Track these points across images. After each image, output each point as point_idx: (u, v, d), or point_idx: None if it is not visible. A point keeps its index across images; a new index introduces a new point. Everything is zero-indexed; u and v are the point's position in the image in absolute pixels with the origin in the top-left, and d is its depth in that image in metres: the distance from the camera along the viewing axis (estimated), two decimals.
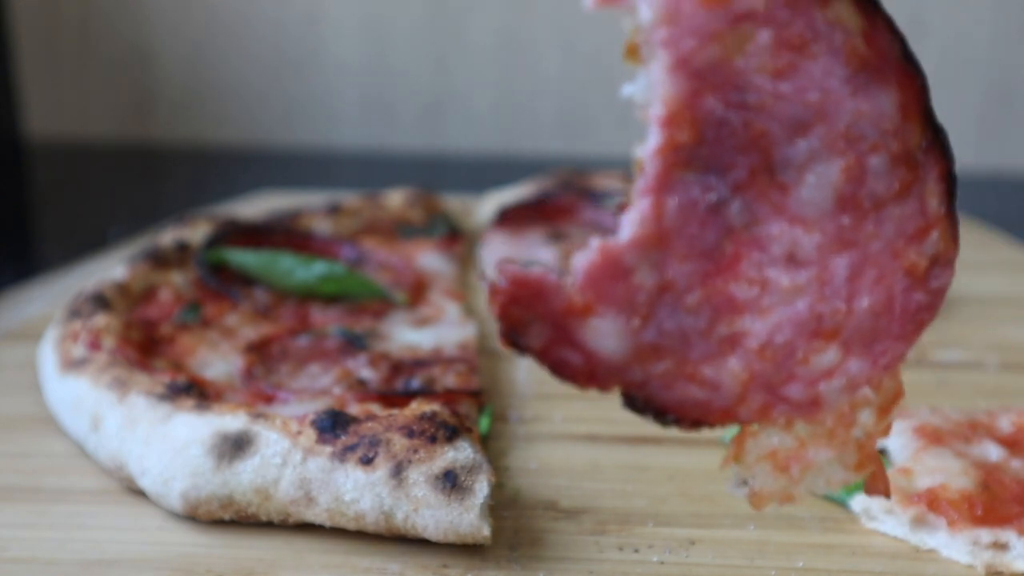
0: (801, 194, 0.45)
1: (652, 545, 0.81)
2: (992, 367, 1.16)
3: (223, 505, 0.82)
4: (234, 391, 0.96)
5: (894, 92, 0.45)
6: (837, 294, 0.46)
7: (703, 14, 0.43)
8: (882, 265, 0.46)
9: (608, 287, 0.46)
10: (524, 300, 0.46)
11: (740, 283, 0.47)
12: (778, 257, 0.46)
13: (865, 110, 0.44)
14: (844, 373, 0.47)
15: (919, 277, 0.46)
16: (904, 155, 0.45)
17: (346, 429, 0.83)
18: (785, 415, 0.48)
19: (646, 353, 0.47)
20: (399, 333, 1.13)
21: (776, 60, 0.44)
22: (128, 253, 1.32)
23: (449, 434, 0.83)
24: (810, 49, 0.44)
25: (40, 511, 0.85)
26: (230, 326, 1.11)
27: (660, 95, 0.44)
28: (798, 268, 0.46)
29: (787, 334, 0.46)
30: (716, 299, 0.47)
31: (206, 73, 2.21)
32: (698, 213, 0.46)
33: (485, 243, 1.47)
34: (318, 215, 1.43)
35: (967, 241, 1.64)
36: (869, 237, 0.45)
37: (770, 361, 0.47)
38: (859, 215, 0.45)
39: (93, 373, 0.95)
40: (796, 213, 0.46)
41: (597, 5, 0.45)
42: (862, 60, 0.44)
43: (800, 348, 0.46)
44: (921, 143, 0.45)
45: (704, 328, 0.47)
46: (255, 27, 2.17)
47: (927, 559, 0.81)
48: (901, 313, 0.46)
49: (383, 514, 0.79)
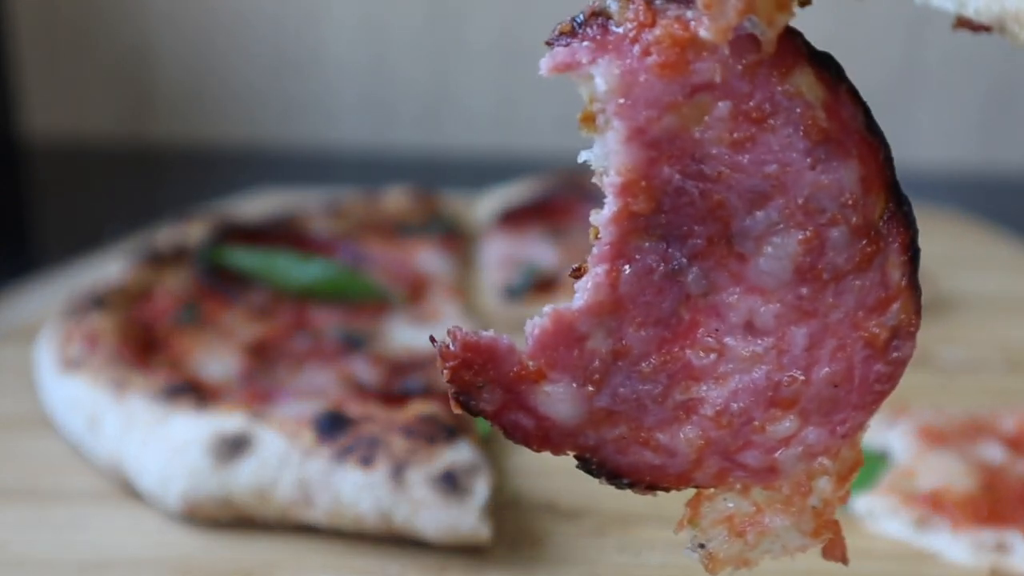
0: (759, 264, 0.45)
1: (653, 547, 0.81)
2: (995, 367, 1.15)
3: (221, 506, 0.81)
4: (232, 391, 0.95)
5: (855, 165, 0.44)
6: (795, 363, 0.46)
7: (659, 85, 0.43)
8: (842, 336, 0.46)
9: (561, 353, 0.46)
10: (475, 365, 0.46)
11: (696, 350, 0.46)
12: (736, 325, 0.46)
13: (825, 183, 0.44)
14: (801, 442, 0.47)
15: (879, 348, 0.46)
16: (865, 227, 0.45)
17: (345, 430, 0.82)
18: (742, 481, 0.48)
19: (600, 418, 0.47)
20: (398, 333, 1.13)
21: (734, 132, 0.44)
22: (126, 252, 1.31)
23: (448, 435, 0.82)
24: (769, 122, 0.43)
25: (37, 512, 0.85)
26: (228, 326, 1.10)
27: (615, 164, 0.44)
28: (756, 337, 0.46)
29: (744, 402, 0.46)
30: (672, 366, 0.47)
31: (205, 72, 2.20)
32: (654, 281, 0.46)
33: (485, 242, 1.47)
34: (317, 215, 1.43)
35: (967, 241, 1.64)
36: (829, 308, 0.45)
37: (726, 428, 0.46)
38: (818, 286, 0.45)
39: (90, 373, 0.94)
40: (754, 283, 0.46)
41: (550, 72, 0.45)
42: (823, 132, 0.44)
43: (757, 416, 0.46)
44: (884, 214, 0.45)
45: (659, 394, 0.47)
46: (254, 26, 2.17)
47: (930, 561, 0.81)
48: (860, 383, 0.46)
49: (382, 515, 0.78)
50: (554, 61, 0.45)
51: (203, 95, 2.23)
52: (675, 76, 0.43)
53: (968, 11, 0.38)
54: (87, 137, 2.25)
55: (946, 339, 1.23)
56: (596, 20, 0.44)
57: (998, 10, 0.38)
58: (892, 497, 0.84)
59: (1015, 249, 1.56)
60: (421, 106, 2.21)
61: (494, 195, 1.67)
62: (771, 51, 0.43)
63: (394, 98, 2.20)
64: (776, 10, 0.42)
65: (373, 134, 2.23)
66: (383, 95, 2.20)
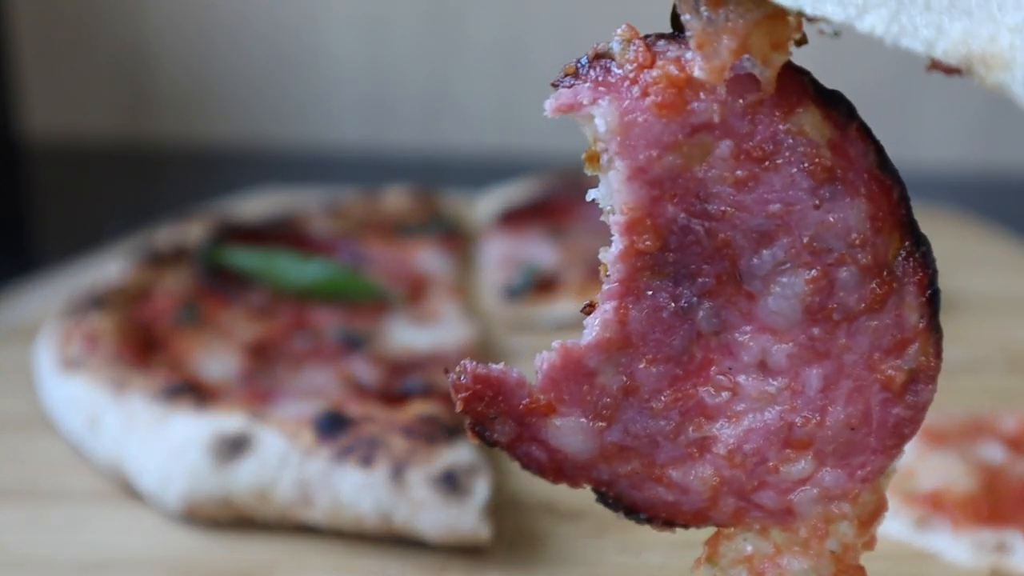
0: (768, 303, 0.45)
1: (653, 547, 0.81)
2: (996, 367, 1.15)
3: (221, 506, 0.81)
4: (232, 391, 0.95)
5: (863, 204, 0.44)
6: (810, 404, 0.45)
7: (658, 125, 0.43)
8: (857, 377, 0.45)
9: (570, 388, 0.46)
10: (486, 397, 0.46)
11: (709, 388, 0.46)
12: (749, 364, 0.46)
13: (831, 222, 0.44)
14: (818, 484, 0.46)
15: (897, 391, 0.46)
16: (876, 267, 0.44)
17: (344, 430, 0.82)
18: (759, 521, 0.47)
19: (612, 453, 0.47)
20: (398, 333, 1.12)
21: (737, 171, 0.44)
22: (126, 252, 1.31)
23: (448, 435, 0.82)
24: (772, 161, 0.43)
25: (37, 512, 0.84)
26: (228, 326, 1.10)
27: (619, 202, 0.44)
28: (769, 376, 0.46)
29: (757, 442, 0.46)
30: (684, 403, 0.47)
31: (204, 72, 2.20)
32: (664, 318, 0.46)
33: (485, 242, 1.47)
34: (317, 214, 1.42)
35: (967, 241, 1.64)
36: (842, 349, 0.45)
37: (740, 467, 0.46)
38: (830, 326, 0.45)
39: (90, 373, 0.94)
40: (765, 322, 0.45)
41: (554, 113, 0.46)
42: (828, 171, 0.43)
43: (771, 456, 0.46)
44: (899, 254, 0.45)
45: (672, 431, 0.47)
46: (254, 26, 2.17)
47: (931, 561, 0.81)
48: (879, 426, 0.46)
49: (382, 516, 0.78)
50: (557, 102, 0.45)
51: (203, 95, 2.22)
52: (674, 116, 0.43)
53: (936, 53, 0.39)
54: (87, 137, 2.25)
55: (946, 339, 1.22)
56: (599, 62, 0.45)
57: (965, 52, 0.38)
58: (892, 497, 0.84)
59: (1015, 249, 1.56)
60: (421, 106, 2.21)
61: (494, 195, 1.67)
62: (771, 90, 0.43)
63: (394, 98, 2.20)
64: (772, 50, 0.42)
65: (373, 134, 2.22)
66: (383, 95, 2.20)
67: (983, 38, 0.38)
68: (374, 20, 2.15)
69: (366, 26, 2.15)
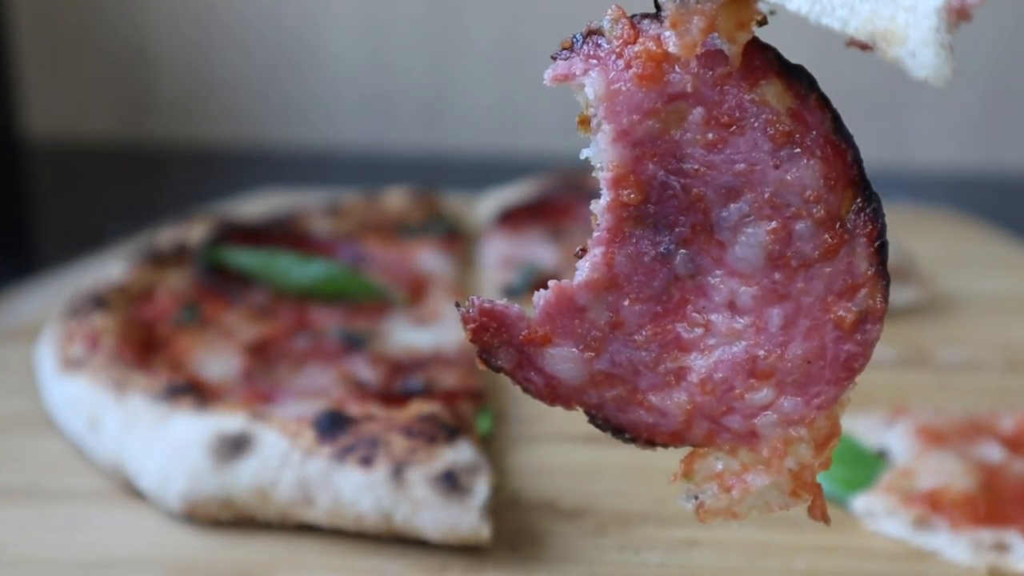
0: (736, 251, 0.52)
1: (653, 546, 0.81)
2: (994, 367, 1.15)
3: (222, 506, 0.82)
4: (233, 391, 0.96)
5: (818, 164, 0.50)
6: (772, 340, 0.52)
7: (639, 93, 0.50)
8: (814, 317, 0.52)
9: (563, 322, 0.53)
10: (491, 328, 0.53)
11: (685, 324, 0.53)
12: (720, 304, 0.53)
13: (788, 180, 0.50)
14: (778, 410, 0.53)
15: (848, 329, 0.51)
16: (829, 221, 0.51)
17: (345, 430, 0.83)
18: (728, 443, 0.54)
19: (600, 380, 0.54)
20: (398, 333, 1.13)
21: (708, 134, 0.51)
22: (126, 253, 1.32)
23: (449, 435, 0.82)
24: (738, 126, 0.50)
25: (38, 512, 0.85)
26: (229, 326, 1.10)
27: (606, 160, 0.51)
28: (738, 315, 0.53)
29: (726, 372, 0.53)
30: (663, 337, 0.53)
31: (205, 72, 2.20)
32: (645, 263, 0.53)
33: (485, 242, 1.47)
34: (317, 215, 1.43)
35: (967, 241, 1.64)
36: (800, 292, 0.51)
37: (711, 394, 0.53)
38: (789, 272, 0.51)
39: (91, 373, 0.95)
40: (734, 267, 0.52)
41: (551, 81, 0.52)
42: (787, 136, 0.50)
43: (737, 385, 0.53)
44: (851, 209, 0.51)
45: (651, 361, 0.54)
46: (254, 26, 2.17)
47: (929, 561, 0.81)
48: (832, 361, 0.52)
49: (382, 515, 0.79)
50: (554, 72, 0.52)
51: (203, 95, 2.23)
52: (653, 86, 0.50)
53: (850, 30, 0.44)
54: (87, 137, 2.25)
55: (945, 339, 1.23)
56: (591, 38, 0.52)
57: (871, 29, 0.44)
58: (891, 497, 0.84)
59: (1014, 249, 1.56)
60: (421, 106, 2.21)
61: (494, 195, 1.67)
62: (737, 64, 0.49)
63: (394, 98, 2.21)
64: (736, 29, 0.48)
65: (373, 134, 2.23)
66: (383, 95, 2.20)
67: (885, 17, 0.43)
68: (374, 20, 2.15)
69: (366, 27, 2.16)
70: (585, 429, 1.01)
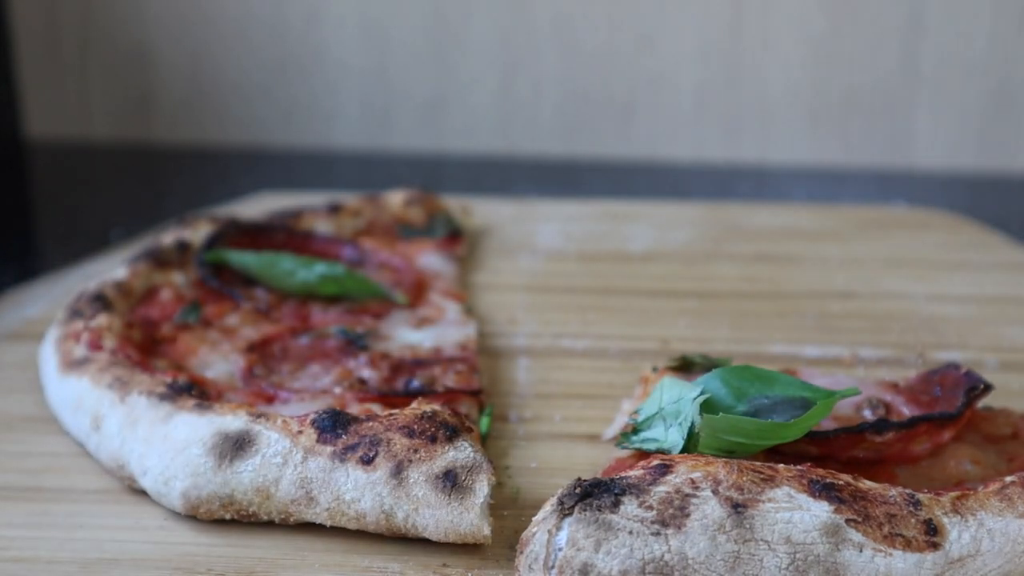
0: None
1: None
2: (991, 368, 1.16)
3: (224, 504, 0.82)
4: (235, 391, 0.96)
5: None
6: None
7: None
8: None
9: None
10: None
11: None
12: None
13: None
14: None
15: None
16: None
17: (347, 429, 0.83)
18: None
19: None
20: (399, 333, 1.13)
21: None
22: (129, 253, 1.32)
23: (449, 434, 0.83)
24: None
25: (41, 510, 0.85)
26: (231, 326, 1.11)
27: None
28: None
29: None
30: None
31: (207, 74, 2.21)
32: None
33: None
34: (318, 215, 1.43)
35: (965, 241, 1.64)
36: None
37: None
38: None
39: (94, 373, 0.95)
40: None
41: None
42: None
43: None
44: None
45: None
46: (255, 28, 2.18)
47: None
48: None
49: (383, 513, 0.79)
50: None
51: (205, 97, 2.23)
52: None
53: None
54: (89, 139, 2.26)
55: (943, 340, 1.23)
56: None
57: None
58: None
59: (1012, 249, 1.57)
60: (422, 108, 2.22)
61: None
62: None
63: (394, 99, 2.21)
64: None
65: (373, 135, 2.23)
66: (383, 96, 2.21)
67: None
68: (374, 22, 2.16)
69: (367, 28, 2.16)
70: (585, 428, 1.02)
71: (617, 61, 2.11)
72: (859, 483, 0.74)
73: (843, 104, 2.09)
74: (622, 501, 0.70)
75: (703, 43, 2.10)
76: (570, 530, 0.69)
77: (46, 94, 2.24)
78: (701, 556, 0.68)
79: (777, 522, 0.69)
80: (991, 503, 0.73)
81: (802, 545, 0.69)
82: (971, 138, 2.14)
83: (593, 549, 0.68)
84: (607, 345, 1.19)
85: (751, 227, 1.65)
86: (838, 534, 0.69)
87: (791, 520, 0.69)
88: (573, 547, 0.69)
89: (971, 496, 0.74)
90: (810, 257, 1.51)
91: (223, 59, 2.20)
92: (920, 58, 2.08)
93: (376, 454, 0.81)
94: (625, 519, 0.69)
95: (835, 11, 2.03)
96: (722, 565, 0.68)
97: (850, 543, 0.69)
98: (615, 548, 0.68)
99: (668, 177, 2.12)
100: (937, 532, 0.70)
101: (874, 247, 1.56)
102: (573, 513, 0.70)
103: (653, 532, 0.69)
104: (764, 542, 0.69)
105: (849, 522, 0.70)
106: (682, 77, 2.13)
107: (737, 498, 0.70)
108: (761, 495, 0.71)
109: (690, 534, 0.68)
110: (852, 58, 2.07)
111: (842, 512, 0.70)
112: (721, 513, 0.69)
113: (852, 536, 0.70)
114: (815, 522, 0.70)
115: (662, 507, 0.70)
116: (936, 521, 0.71)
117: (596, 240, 1.57)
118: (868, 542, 0.69)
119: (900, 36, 2.06)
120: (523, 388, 1.09)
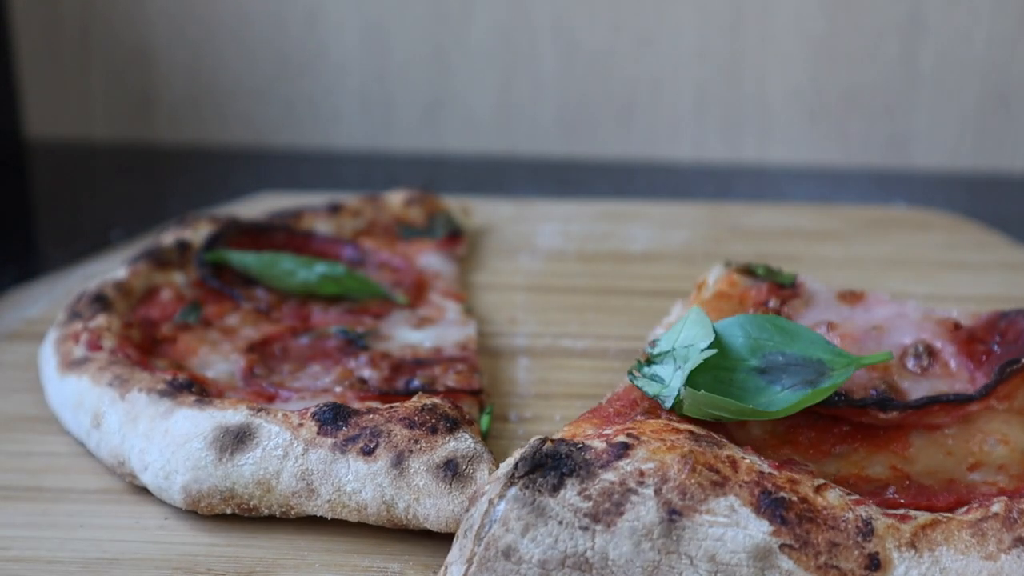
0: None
1: None
2: None
3: (225, 498, 0.82)
4: (235, 391, 0.96)
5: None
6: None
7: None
8: None
9: None
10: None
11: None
12: None
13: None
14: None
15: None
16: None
17: (347, 421, 0.83)
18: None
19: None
20: (400, 333, 1.13)
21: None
22: (129, 253, 1.32)
23: (450, 425, 0.83)
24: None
25: (42, 510, 0.85)
26: (231, 326, 1.11)
27: None
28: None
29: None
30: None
31: (207, 74, 2.21)
32: None
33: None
34: (319, 216, 1.43)
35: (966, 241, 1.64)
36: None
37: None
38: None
39: (94, 372, 0.95)
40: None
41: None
42: None
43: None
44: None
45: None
46: (256, 28, 2.18)
47: None
48: None
49: (384, 504, 0.79)
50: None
51: (205, 97, 2.24)
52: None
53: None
54: (90, 139, 2.26)
55: None
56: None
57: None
58: None
59: (1012, 249, 1.57)
60: (421, 107, 2.22)
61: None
62: None
63: (394, 99, 2.21)
64: None
65: (374, 135, 2.24)
66: (383, 96, 2.21)
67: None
68: (374, 22, 2.16)
69: (367, 29, 2.17)
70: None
71: (617, 61, 2.11)
72: (817, 498, 0.69)
73: (843, 104, 2.10)
74: (565, 484, 0.68)
75: (703, 43, 2.10)
76: (506, 507, 0.67)
77: (46, 94, 2.24)
78: (621, 560, 0.66)
79: (707, 537, 0.66)
80: (960, 536, 0.68)
81: (726, 566, 0.66)
82: (971, 138, 2.14)
83: (520, 533, 0.66)
84: (607, 345, 1.19)
85: (751, 227, 1.65)
86: (767, 559, 0.66)
87: (722, 538, 0.66)
88: (503, 527, 0.66)
89: (941, 525, 0.69)
90: (810, 257, 1.51)
91: (224, 59, 2.20)
92: (920, 58, 2.08)
93: (377, 445, 0.81)
94: (560, 506, 0.67)
95: (835, 11, 2.03)
96: (640, 572, 0.66)
97: (777, 570, 0.66)
98: (540, 536, 0.66)
99: (668, 177, 2.12)
100: (879, 567, 0.66)
101: (874, 247, 1.56)
102: (518, 484, 0.68)
103: (582, 526, 0.66)
104: (687, 556, 0.66)
105: (783, 547, 0.66)
106: (682, 77, 2.13)
107: (676, 503, 0.67)
108: (701, 504, 0.67)
109: (617, 535, 0.66)
110: (852, 58, 2.07)
111: (780, 535, 0.66)
112: (653, 518, 0.66)
113: (782, 563, 0.65)
114: (746, 543, 0.66)
115: (600, 499, 0.67)
116: (883, 555, 0.66)
117: (596, 240, 1.57)
118: (798, 570, 0.65)
119: (900, 36, 2.07)
120: (523, 388, 1.09)
